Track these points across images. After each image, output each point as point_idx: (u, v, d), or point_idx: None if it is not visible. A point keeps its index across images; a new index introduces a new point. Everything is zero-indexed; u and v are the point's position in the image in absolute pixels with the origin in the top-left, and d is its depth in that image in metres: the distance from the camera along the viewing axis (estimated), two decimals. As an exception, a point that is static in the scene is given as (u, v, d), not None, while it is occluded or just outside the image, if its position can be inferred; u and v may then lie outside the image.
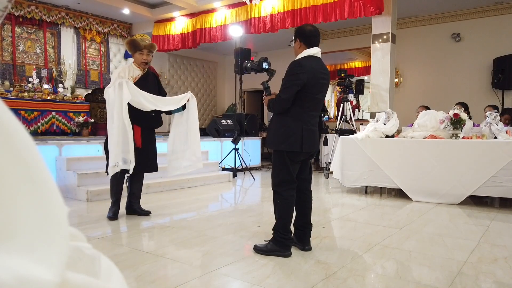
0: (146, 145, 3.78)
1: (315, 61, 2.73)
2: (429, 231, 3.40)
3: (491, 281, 2.30)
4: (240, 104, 9.48)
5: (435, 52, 8.73)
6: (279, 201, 2.74)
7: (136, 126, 3.69)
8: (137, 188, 3.94)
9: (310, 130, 2.73)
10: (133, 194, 3.93)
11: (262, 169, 8.35)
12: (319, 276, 2.34)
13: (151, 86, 3.82)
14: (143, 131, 3.78)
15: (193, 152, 4.10)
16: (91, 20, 9.24)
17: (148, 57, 3.79)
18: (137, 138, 3.70)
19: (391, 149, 5.00)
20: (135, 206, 3.93)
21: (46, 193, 0.44)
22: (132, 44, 3.78)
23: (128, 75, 3.74)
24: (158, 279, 2.30)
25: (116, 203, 3.80)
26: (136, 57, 3.79)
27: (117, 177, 3.74)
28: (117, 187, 3.80)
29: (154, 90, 3.81)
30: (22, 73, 8.16)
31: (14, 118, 0.43)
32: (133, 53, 3.81)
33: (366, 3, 6.41)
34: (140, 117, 3.69)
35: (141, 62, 3.78)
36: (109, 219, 3.71)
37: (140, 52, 3.76)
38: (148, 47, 3.77)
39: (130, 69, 3.81)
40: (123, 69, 3.79)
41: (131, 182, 3.92)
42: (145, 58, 3.77)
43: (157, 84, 3.96)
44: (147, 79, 3.84)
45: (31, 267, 0.38)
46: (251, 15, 7.80)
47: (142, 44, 3.75)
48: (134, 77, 3.76)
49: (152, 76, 3.93)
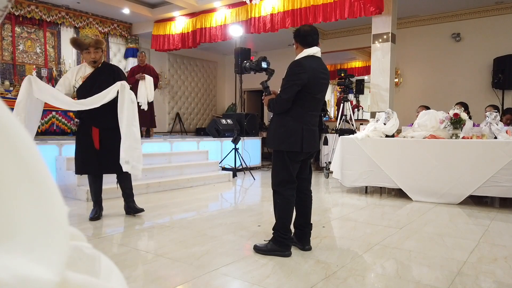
0: (105, 146, 3.63)
1: (315, 61, 2.73)
2: (429, 231, 3.40)
3: (491, 281, 2.30)
4: (240, 104, 9.48)
5: (435, 52, 8.73)
6: (279, 201, 2.74)
7: (94, 127, 3.64)
8: (126, 187, 3.91)
9: (310, 130, 2.73)
10: (125, 194, 3.93)
11: (262, 169, 8.35)
12: (319, 276, 2.34)
13: (103, 82, 3.60)
14: (101, 132, 3.65)
15: (124, 151, 3.54)
16: (91, 20, 9.22)
17: (96, 55, 3.61)
18: (95, 140, 3.64)
19: (391, 149, 5.00)
20: (130, 205, 3.93)
21: (46, 192, 0.44)
22: (75, 44, 3.65)
23: (76, 76, 3.65)
24: (158, 279, 2.30)
25: (96, 204, 3.78)
26: (84, 56, 3.66)
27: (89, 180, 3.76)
28: (91, 189, 3.79)
29: (106, 87, 3.54)
30: (22, 72, 8.15)
31: (14, 118, 0.43)
32: (81, 53, 3.68)
33: (366, 3, 6.40)
34: (96, 117, 3.60)
35: (89, 61, 3.65)
36: (90, 219, 3.70)
37: (87, 50, 3.60)
38: (93, 44, 3.59)
39: (81, 68, 3.71)
40: (73, 69, 3.72)
41: (119, 184, 3.91)
42: (93, 57, 3.61)
43: (113, 79, 3.63)
44: (98, 76, 3.66)
45: (31, 267, 0.38)
46: (251, 15, 7.80)
47: (85, 43, 3.60)
48: (84, 76, 3.66)
49: (107, 72, 3.71)
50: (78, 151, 3.73)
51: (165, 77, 10.85)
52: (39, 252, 0.40)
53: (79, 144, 3.72)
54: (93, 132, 3.64)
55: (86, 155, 3.65)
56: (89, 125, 3.66)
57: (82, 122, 3.75)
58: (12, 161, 0.41)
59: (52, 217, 0.43)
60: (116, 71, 3.78)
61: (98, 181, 3.81)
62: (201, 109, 12.22)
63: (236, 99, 8.74)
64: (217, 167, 6.91)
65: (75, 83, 3.68)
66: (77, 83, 3.68)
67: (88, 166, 3.68)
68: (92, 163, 3.64)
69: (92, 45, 3.58)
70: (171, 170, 5.99)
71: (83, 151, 3.67)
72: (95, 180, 3.79)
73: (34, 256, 0.39)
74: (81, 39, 3.66)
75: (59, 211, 0.45)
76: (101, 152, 3.63)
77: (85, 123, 3.70)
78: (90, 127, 3.65)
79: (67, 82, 3.69)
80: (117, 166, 3.56)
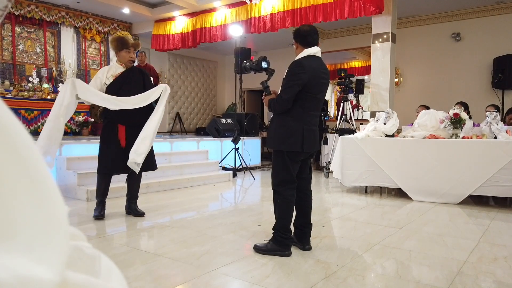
0: (130, 144, 3.64)
1: (316, 61, 2.73)
2: (429, 231, 3.40)
3: (491, 281, 2.30)
4: (240, 103, 9.48)
5: (435, 51, 8.73)
6: (279, 201, 2.74)
7: (120, 125, 3.66)
8: (135, 189, 3.91)
9: (310, 130, 2.73)
10: (130, 194, 3.92)
11: (262, 169, 8.35)
12: (319, 276, 2.34)
13: (134, 83, 3.74)
14: (127, 130, 3.70)
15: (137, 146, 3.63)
16: (91, 20, 9.23)
17: (134, 56, 3.78)
18: (121, 137, 3.66)
19: (391, 148, 5.00)
20: (132, 206, 3.92)
21: (46, 192, 0.44)
22: (120, 42, 3.72)
23: (107, 74, 3.69)
24: (158, 279, 2.30)
25: (100, 204, 3.78)
26: (122, 55, 3.73)
27: (99, 178, 3.74)
28: (100, 188, 3.77)
29: (136, 87, 3.72)
30: (22, 72, 8.16)
31: (14, 117, 0.43)
32: (118, 51, 3.73)
33: (366, 2, 6.40)
34: (125, 115, 3.63)
35: (128, 60, 3.74)
36: (95, 218, 3.69)
37: (127, 50, 3.72)
38: (135, 45, 3.75)
39: (111, 68, 3.76)
40: (103, 70, 3.75)
41: (128, 184, 3.91)
42: (132, 56, 3.75)
43: (143, 81, 3.84)
44: (130, 75, 3.76)
45: (31, 267, 0.38)
46: (251, 15, 7.80)
47: (130, 42, 3.72)
48: (115, 75, 3.71)
49: (137, 73, 3.85)
50: (104, 151, 3.71)
51: (165, 77, 10.85)
52: (39, 252, 0.40)
53: (106, 144, 3.71)
54: (119, 130, 3.66)
55: (113, 155, 3.65)
56: (116, 123, 3.66)
57: (107, 121, 3.76)
58: (12, 161, 0.41)
59: (52, 217, 0.43)
60: (146, 76, 3.94)
61: (109, 180, 3.81)
62: (201, 109, 12.22)
63: (236, 99, 8.75)
64: (217, 167, 6.91)
65: (106, 80, 3.73)
66: (108, 80, 3.73)
67: (114, 165, 3.68)
68: (118, 162, 3.65)
69: (134, 46, 3.75)
70: (171, 170, 6.00)
71: (110, 151, 3.66)
72: (107, 179, 3.78)
73: (34, 256, 0.39)
74: (128, 38, 3.73)
75: (59, 211, 0.45)
76: (127, 150, 3.65)
77: (111, 122, 3.70)
78: (116, 126, 3.66)
79: (98, 82, 3.73)
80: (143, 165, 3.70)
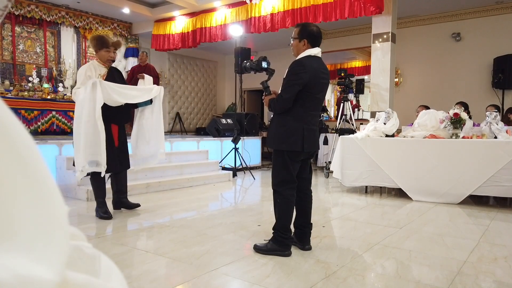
0: (122, 142, 3.76)
1: (316, 61, 2.73)
2: (429, 231, 3.40)
3: (491, 281, 2.30)
4: (240, 103, 9.48)
5: (435, 51, 8.73)
6: (279, 201, 2.74)
7: (113, 125, 3.68)
8: (123, 185, 3.95)
9: (311, 130, 2.73)
10: (120, 191, 3.94)
11: (262, 169, 8.35)
12: (319, 276, 2.34)
13: (119, 82, 3.80)
14: (119, 129, 3.76)
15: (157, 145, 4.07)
16: (91, 20, 9.23)
17: (114, 55, 3.75)
18: (115, 137, 3.69)
19: (391, 148, 5.00)
20: (123, 201, 3.94)
21: (46, 192, 0.44)
22: (99, 41, 3.70)
23: (95, 74, 3.68)
24: (158, 279, 2.30)
25: (103, 203, 3.78)
26: (102, 54, 3.71)
27: (98, 179, 3.73)
28: (101, 188, 3.77)
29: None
30: (22, 72, 8.15)
31: (14, 117, 0.43)
32: (98, 50, 3.72)
33: (366, 2, 6.40)
34: (117, 114, 3.66)
35: (107, 59, 3.72)
36: (100, 218, 3.70)
37: (107, 49, 3.70)
38: (115, 44, 3.73)
39: (95, 67, 3.73)
40: (88, 68, 3.70)
41: (115, 180, 3.92)
42: (111, 56, 3.72)
43: (122, 80, 3.89)
44: (114, 75, 3.80)
45: (31, 267, 0.38)
46: (251, 15, 7.80)
47: (110, 42, 3.70)
48: (102, 75, 3.71)
49: (116, 72, 3.88)
50: None
51: (165, 76, 10.85)
52: (39, 252, 0.40)
53: None
54: (113, 130, 3.68)
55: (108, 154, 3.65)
56: (109, 123, 3.66)
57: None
58: (12, 161, 0.41)
59: (52, 216, 0.43)
60: (122, 75, 4.00)
61: (104, 179, 3.82)
62: (201, 109, 12.22)
63: (236, 98, 8.74)
64: (217, 167, 6.91)
65: None
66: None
67: (111, 164, 3.68)
68: (114, 161, 3.67)
69: (115, 45, 3.74)
70: (171, 169, 6.00)
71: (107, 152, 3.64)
72: (103, 178, 3.77)
73: (34, 256, 0.39)
74: (108, 37, 3.72)
75: (59, 210, 0.45)
76: (120, 148, 3.72)
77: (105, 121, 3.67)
78: (109, 125, 3.66)
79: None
80: (129, 162, 3.89)
